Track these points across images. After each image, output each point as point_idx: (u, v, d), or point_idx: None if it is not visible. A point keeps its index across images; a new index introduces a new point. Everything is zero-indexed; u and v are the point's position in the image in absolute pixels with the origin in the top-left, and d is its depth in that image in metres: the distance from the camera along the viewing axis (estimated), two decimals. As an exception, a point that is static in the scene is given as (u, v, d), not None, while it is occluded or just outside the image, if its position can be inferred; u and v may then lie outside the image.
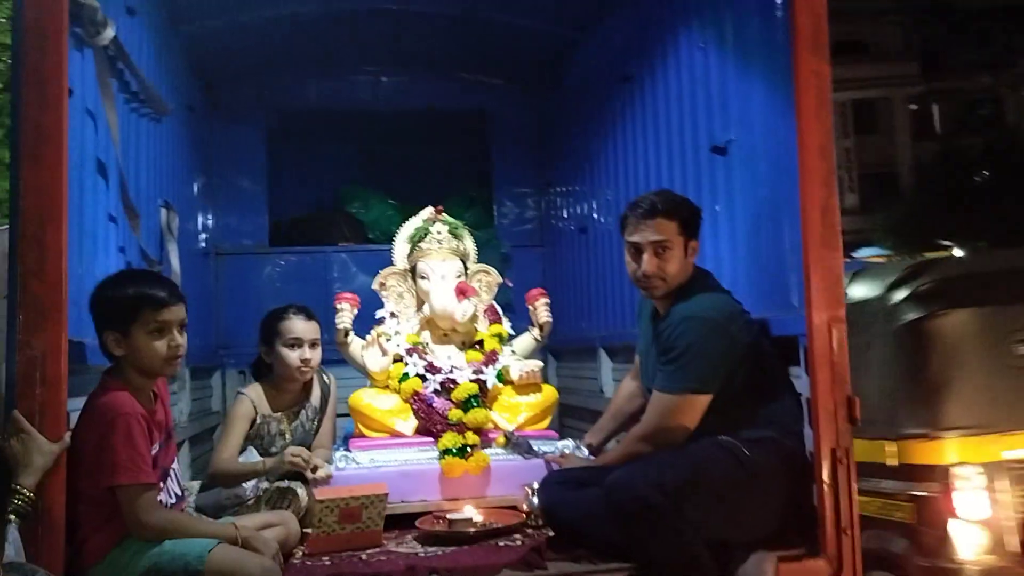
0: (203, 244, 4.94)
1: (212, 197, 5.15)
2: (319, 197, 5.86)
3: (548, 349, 5.17)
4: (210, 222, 5.12)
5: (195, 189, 4.73)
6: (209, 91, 5.07)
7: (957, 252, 23.61)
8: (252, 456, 2.94)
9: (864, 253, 24.37)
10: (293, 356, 3.01)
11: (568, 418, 4.89)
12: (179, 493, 2.40)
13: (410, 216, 5.45)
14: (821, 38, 2.52)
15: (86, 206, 2.70)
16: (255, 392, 3.03)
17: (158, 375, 2.35)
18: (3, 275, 2.22)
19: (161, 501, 2.25)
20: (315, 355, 3.06)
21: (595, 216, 4.67)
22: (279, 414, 3.04)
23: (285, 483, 2.89)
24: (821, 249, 2.49)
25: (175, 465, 2.44)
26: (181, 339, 2.29)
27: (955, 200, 20.34)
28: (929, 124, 28.38)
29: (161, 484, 2.27)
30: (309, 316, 3.12)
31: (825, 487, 2.43)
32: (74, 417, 2.24)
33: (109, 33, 2.69)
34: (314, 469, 2.86)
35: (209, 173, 5.06)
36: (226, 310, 5.18)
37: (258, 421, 2.99)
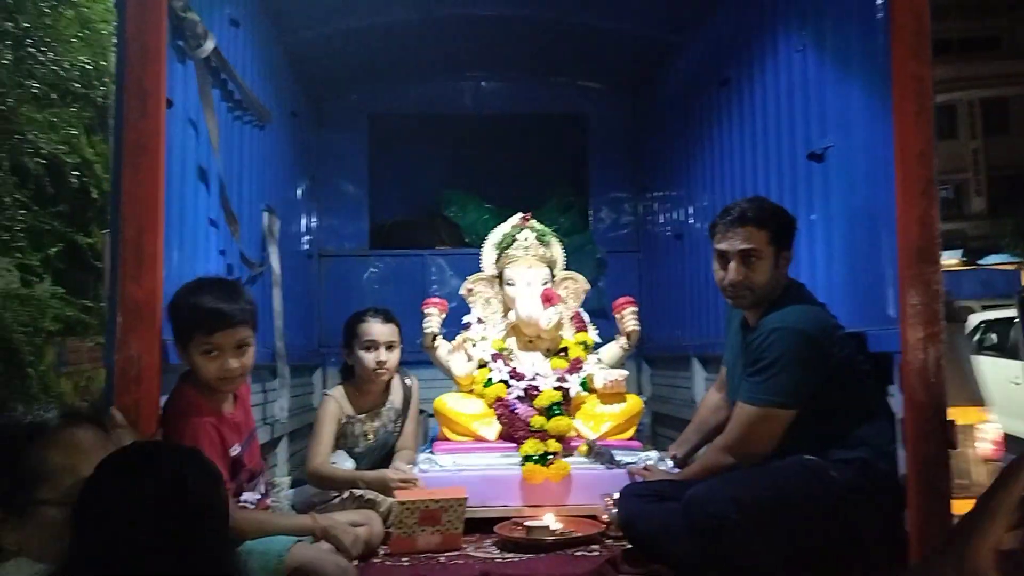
0: (307, 246, 5.11)
1: (316, 200, 5.31)
2: (418, 201, 5.95)
3: (642, 357, 5.11)
4: (313, 225, 5.29)
5: (299, 193, 4.90)
6: (312, 97, 5.23)
7: (1093, 261, 22.08)
8: (343, 459, 3.01)
9: (991, 260, 23.07)
10: (369, 358, 3.08)
11: (661, 427, 4.82)
12: (263, 492, 2.47)
13: (506, 219, 5.55)
14: (923, 40, 2.39)
15: (187, 212, 2.83)
16: (338, 393, 3.12)
17: (214, 391, 2.33)
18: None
19: (247, 502, 2.32)
20: (392, 357, 3.11)
21: (690, 222, 4.58)
22: (362, 415, 3.11)
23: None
24: (919, 263, 2.36)
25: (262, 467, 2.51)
26: (236, 362, 2.26)
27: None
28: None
29: (245, 484, 2.34)
30: (387, 318, 3.17)
31: (916, 513, 2.30)
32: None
33: (209, 45, 2.82)
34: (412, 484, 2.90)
35: (313, 177, 5.22)
36: (328, 310, 5.33)
37: (343, 421, 3.05)
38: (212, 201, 3.09)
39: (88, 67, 8.98)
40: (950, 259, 24.48)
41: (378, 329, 3.13)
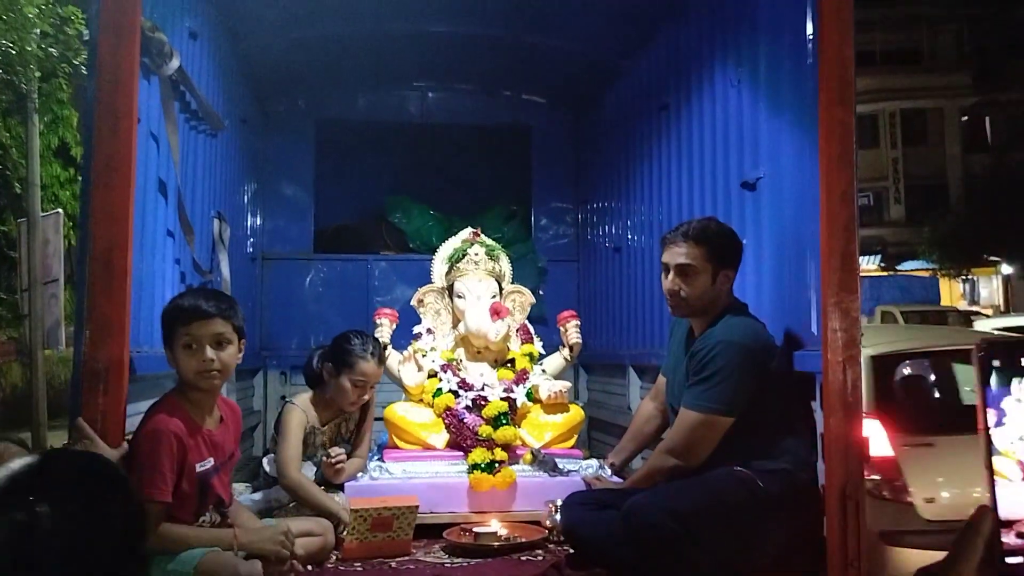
0: (250, 249, 5.15)
1: (261, 204, 5.35)
2: (363, 206, 6.03)
3: (579, 363, 5.30)
4: (258, 227, 5.33)
5: (245, 196, 4.94)
6: (261, 103, 5.27)
7: (1005, 268, 23.26)
8: (307, 469, 3.09)
9: (908, 266, 24.09)
10: (352, 393, 3.11)
11: (596, 431, 5.02)
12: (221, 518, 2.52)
13: (450, 227, 5.68)
14: (847, 90, 2.61)
15: (147, 223, 2.89)
16: (303, 402, 3.16)
17: (196, 388, 2.42)
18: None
19: (204, 522, 2.40)
20: (370, 395, 3.19)
21: (629, 236, 4.79)
22: (324, 426, 3.19)
23: (323, 490, 3.06)
24: (840, 292, 2.57)
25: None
26: (211, 354, 2.35)
27: (1005, 215, 19.94)
28: (981, 136, 27.90)
29: (210, 508, 2.42)
30: (380, 360, 3.21)
31: (835, 521, 2.52)
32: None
33: (175, 64, 2.89)
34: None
35: (259, 181, 5.26)
36: (270, 313, 5.39)
37: (307, 430, 3.13)
38: (170, 212, 3.16)
39: (12, 52, 8.74)
40: (870, 264, 25.52)
41: (373, 372, 3.15)
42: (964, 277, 24.69)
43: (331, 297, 5.54)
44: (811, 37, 2.85)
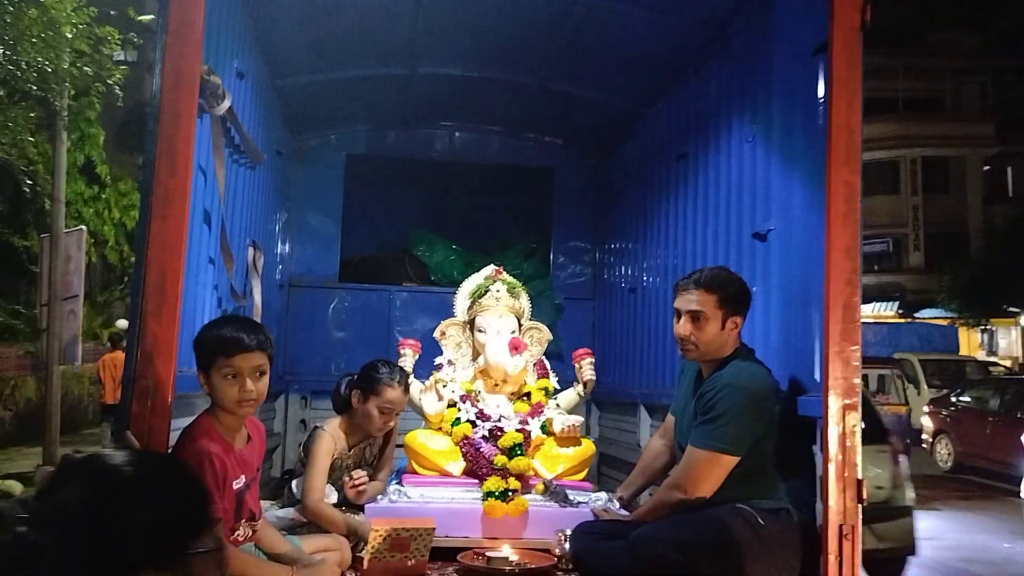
0: (279, 276, 5.35)
1: (290, 233, 5.56)
2: (388, 239, 6.23)
3: (592, 400, 5.43)
4: (287, 256, 5.53)
5: (276, 226, 5.15)
6: (295, 137, 5.51)
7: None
8: (330, 493, 3.24)
9: (926, 313, 24.03)
10: (379, 419, 3.25)
11: (606, 467, 5.14)
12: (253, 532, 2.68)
13: (471, 261, 5.87)
14: (853, 151, 2.78)
15: (191, 252, 3.07)
16: (333, 428, 3.30)
17: (232, 414, 2.55)
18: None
19: (239, 536, 2.55)
20: (395, 421, 3.34)
21: (644, 278, 4.96)
22: (351, 451, 3.35)
23: (343, 510, 3.21)
24: (842, 342, 2.72)
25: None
26: (252, 385, 2.47)
27: (1026, 266, 19.91)
28: (1002, 186, 27.94)
29: (244, 523, 2.58)
30: (407, 389, 3.36)
31: (831, 559, 2.65)
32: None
33: (226, 104, 3.10)
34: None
35: (289, 211, 5.48)
36: (294, 338, 5.56)
37: (335, 456, 3.27)
38: (212, 240, 3.36)
39: (48, 70, 9.02)
40: (887, 310, 25.48)
41: (399, 399, 3.29)
42: (983, 327, 24.59)
43: (354, 325, 5.72)
44: (822, 100, 3.04)
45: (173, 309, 2.53)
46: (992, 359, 21.78)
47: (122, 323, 14.67)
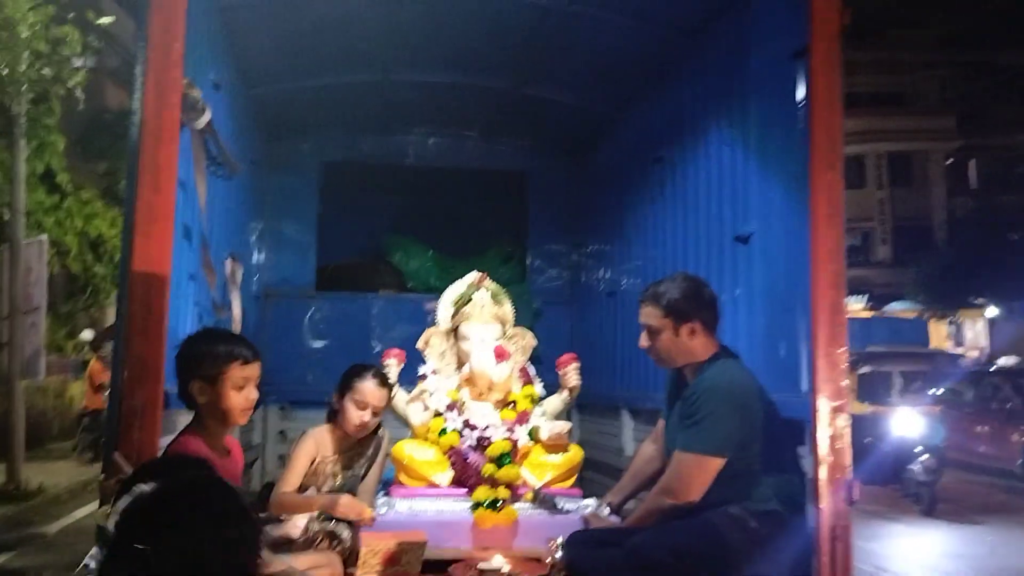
0: (255, 286, 5.28)
1: (266, 242, 5.50)
2: (364, 246, 6.17)
3: (573, 404, 5.43)
4: (262, 265, 5.46)
5: (251, 235, 5.09)
6: (269, 145, 5.44)
7: (990, 311, 23.58)
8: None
9: (894, 306, 24.35)
10: (356, 415, 3.26)
11: (587, 471, 5.12)
12: None
13: (448, 267, 5.84)
14: (836, 153, 2.80)
15: (173, 267, 3.03)
16: (317, 431, 3.31)
17: (233, 423, 2.60)
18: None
19: None
20: (373, 420, 3.33)
21: (623, 281, 4.96)
22: (336, 457, 3.32)
23: (332, 524, 3.18)
24: (829, 345, 2.74)
25: None
26: (255, 394, 2.58)
27: (989, 258, 20.26)
28: (965, 179, 28.40)
29: None
30: (383, 383, 3.36)
31: (824, 561, 2.68)
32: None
33: (206, 118, 3.06)
34: (363, 520, 3.12)
35: (264, 220, 5.41)
36: (271, 348, 5.47)
37: (317, 460, 3.25)
38: (193, 256, 3.31)
39: (2, 73, 8.76)
40: (856, 304, 25.77)
41: (373, 393, 3.31)
42: (950, 319, 24.98)
43: (331, 334, 5.66)
44: (801, 103, 3.06)
45: (159, 327, 2.49)
46: (959, 350, 22.14)
47: (86, 334, 14.39)
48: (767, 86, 3.32)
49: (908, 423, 9.54)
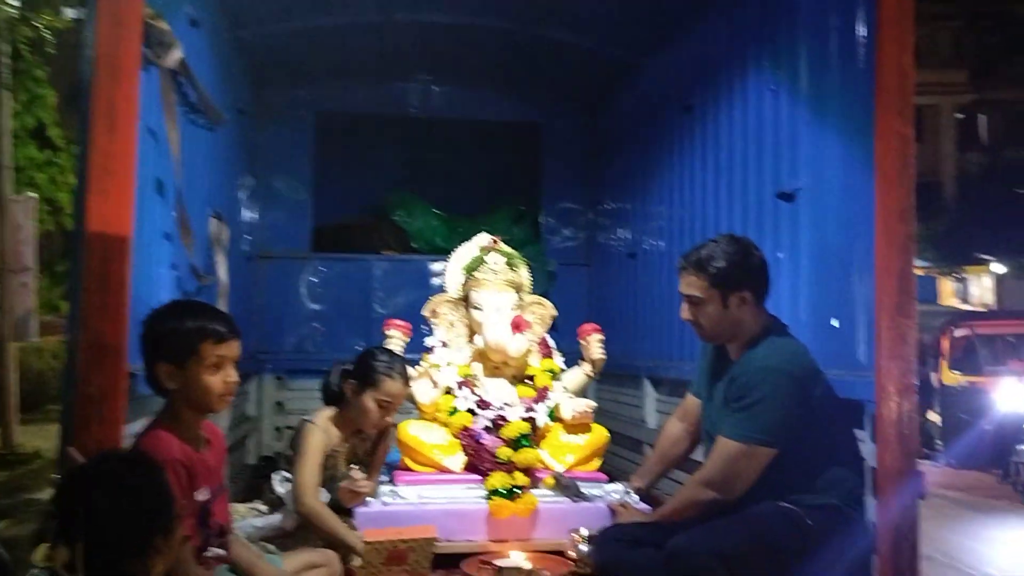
0: (246, 247, 4.93)
1: (257, 200, 5.14)
2: (364, 204, 5.82)
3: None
4: (254, 225, 5.11)
5: (241, 192, 4.72)
6: (259, 94, 5.06)
7: (997, 267, 23.29)
8: (322, 497, 2.87)
9: (902, 263, 24.08)
10: (377, 414, 2.92)
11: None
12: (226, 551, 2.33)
13: (455, 226, 5.48)
14: (907, 99, 2.43)
15: (144, 227, 2.67)
16: (324, 422, 2.94)
17: (210, 411, 2.27)
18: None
19: (210, 559, 2.20)
20: (393, 416, 3.01)
21: (645, 242, 4.60)
22: (343, 447, 2.99)
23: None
24: (896, 316, 2.40)
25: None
26: (235, 375, 2.24)
27: (998, 214, 19.95)
28: (975, 135, 27.89)
29: (214, 538, 2.22)
30: (407, 380, 3.03)
31: (886, 563, 2.36)
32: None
33: (176, 55, 2.67)
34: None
35: (255, 176, 5.05)
36: (266, 314, 5.19)
37: (326, 453, 2.91)
38: (167, 213, 2.94)
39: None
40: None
41: (400, 392, 2.97)
42: (957, 276, 24.71)
43: (330, 298, 5.35)
44: (862, 39, 2.67)
45: (120, 301, 2.13)
46: (966, 307, 21.91)
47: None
48: (820, 20, 2.92)
49: (1014, 396, 8.01)
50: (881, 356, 2.40)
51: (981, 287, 26.01)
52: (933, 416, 9.07)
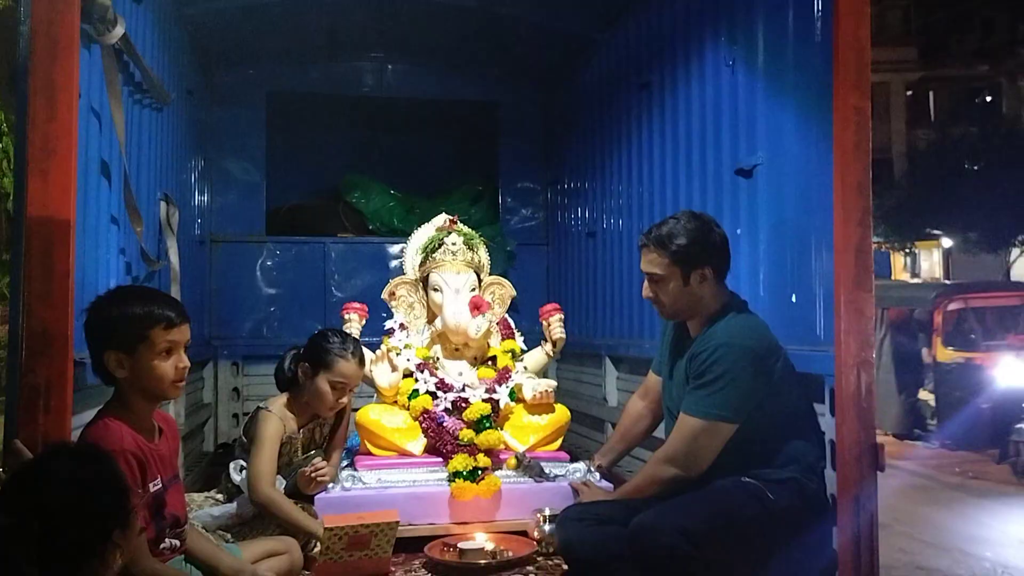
0: (198, 231, 4.81)
1: (208, 182, 5.02)
2: (319, 185, 5.73)
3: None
4: (205, 208, 4.99)
5: (192, 175, 4.60)
6: (208, 74, 4.93)
7: (945, 242, 23.77)
8: (279, 485, 2.81)
9: (850, 240, 24.46)
10: (331, 397, 2.86)
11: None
12: (183, 540, 2.27)
13: (412, 207, 5.42)
14: (863, 73, 2.42)
15: (88, 210, 2.60)
16: (280, 409, 2.88)
17: (163, 398, 2.23)
18: None
19: (165, 550, 2.14)
20: (349, 398, 2.95)
21: (604, 221, 4.58)
22: (300, 432, 2.93)
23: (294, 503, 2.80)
24: (854, 290, 2.40)
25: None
26: (186, 361, 2.18)
27: (946, 190, 20.29)
28: (925, 111, 28.29)
29: (168, 530, 2.16)
30: (362, 361, 2.96)
31: (847, 533, 2.38)
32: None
33: (119, 31, 2.57)
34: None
35: (206, 158, 4.93)
36: (220, 299, 5.09)
37: (283, 441, 2.85)
38: (114, 197, 2.84)
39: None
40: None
41: (354, 373, 2.90)
42: (907, 250, 25.17)
43: (286, 282, 5.26)
44: (819, 14, 2.67)
45: (65, 287, 2.03)
46: (916, 281, 22.35)
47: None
48: (777, -6, 2.90)
49: (1013, 373, 7.53)
50: (839, 330, 2.40)
51: (931, 261, 26.57)
52: (924, 395, 8.73)
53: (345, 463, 3.13)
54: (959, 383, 7.94)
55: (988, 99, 26.85)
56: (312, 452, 2.94)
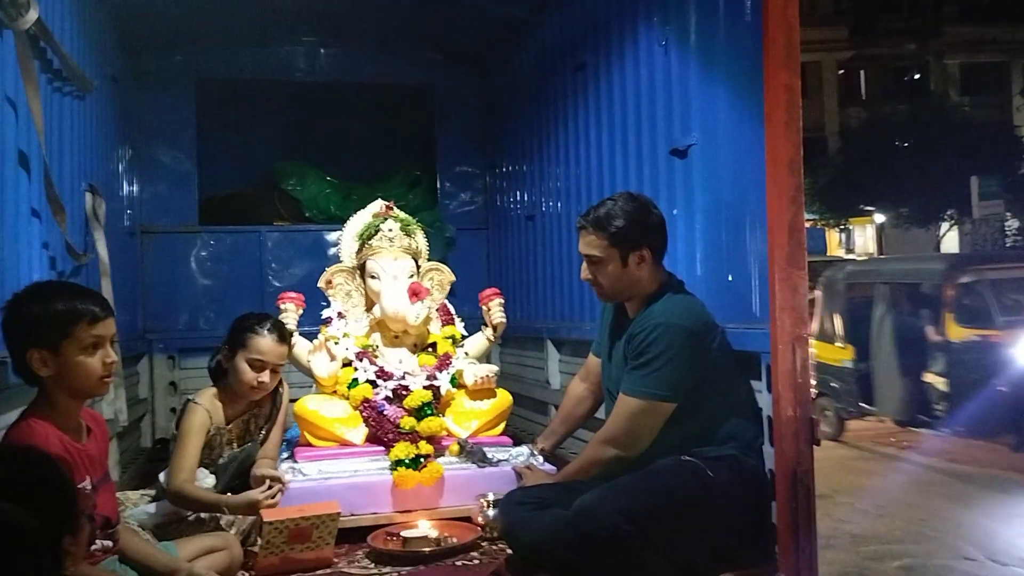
0: (127, 222, 4.67)
1: (137, 172, 4.88)
2: (252, 173, 5.62)
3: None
4: (135, 199, 4.85)
5: (119, 164, 4.46)
6: (134, 60, 4.78)
7: (878, 218, 24.38)
8: (202, 476, 2.75)
9: (789, 217, 24.94)
10: (250, 375, 2.79)
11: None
12: (115, 541, 2.20)
13: (349, 194, 5.34)
14: (793, 52, 2.44)
15: (6, 203, 2.50)
16: (207, 400, 2.81)
17: (90, 395, 2.15)
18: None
19: (97, 551, 2.08)
20: (272, 379, 2.86)
21: (543, 204, 4.58)
22: (230, 424, 2.86)
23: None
24: (787, 268, 2.43)
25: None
26: (113, 356, 2.11)
27: (878, 167, 20.74)
28: (856, 90, 28.85)
29: (99, 532, 2.09)
30: (282, 338, 2.87)
31: (785, 508, 2.42)
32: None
33: (32, 16, 2.46)
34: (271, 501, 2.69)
35: (134, 147, 4.78)
36: (153, 292, 4.97)
37: (211, 432, 2.78)
38: (34, 188, 2.74)
39: None
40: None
41: (271, 349, 2.82)
42: (841, 227, 25.72)
43: (221, 272, 5.15)
44: (749, -6, 2.69)
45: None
46: (851, 256, 22.88)
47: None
48: (707, -25, 2.91)
49: None
50: (774, 308, 2.43)
51: (865, 237, 27.24)
52: (930, 377, 7.42)
53: (285, 455, 3.08)
54: (974, 364, 6.90)
55: (916, 77, 27.49)
56: (248, 444, 2.88)
